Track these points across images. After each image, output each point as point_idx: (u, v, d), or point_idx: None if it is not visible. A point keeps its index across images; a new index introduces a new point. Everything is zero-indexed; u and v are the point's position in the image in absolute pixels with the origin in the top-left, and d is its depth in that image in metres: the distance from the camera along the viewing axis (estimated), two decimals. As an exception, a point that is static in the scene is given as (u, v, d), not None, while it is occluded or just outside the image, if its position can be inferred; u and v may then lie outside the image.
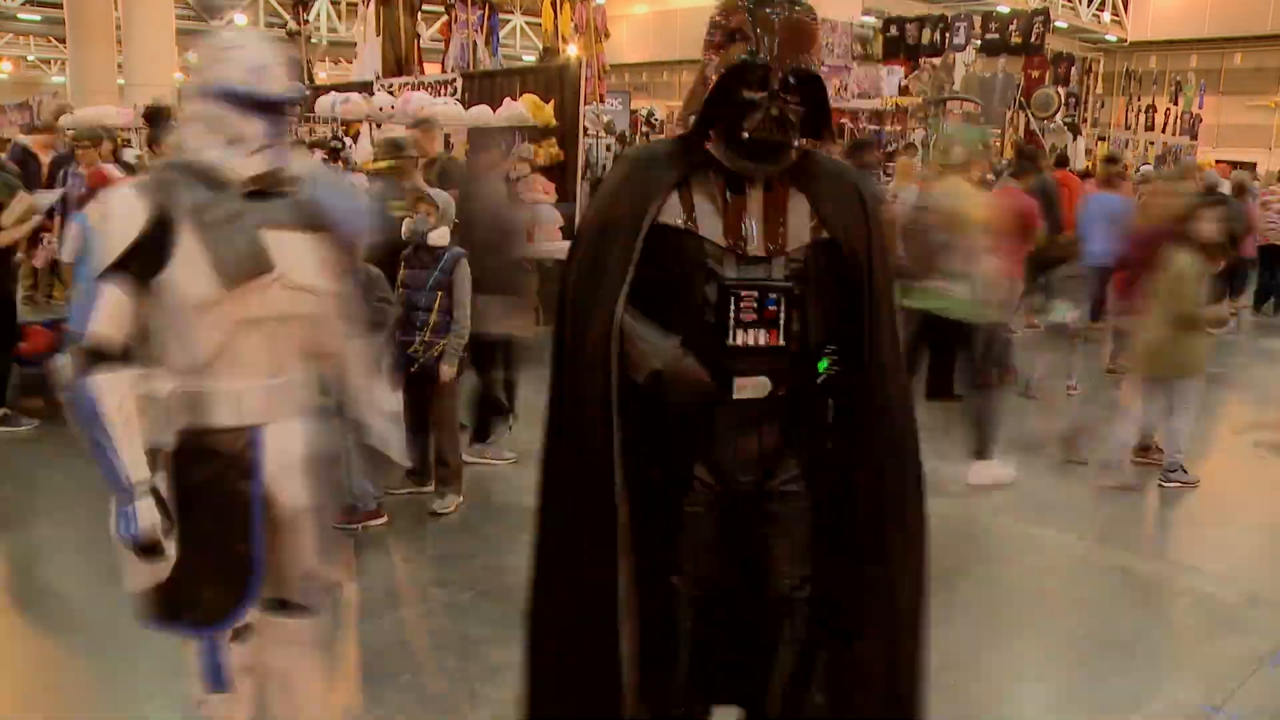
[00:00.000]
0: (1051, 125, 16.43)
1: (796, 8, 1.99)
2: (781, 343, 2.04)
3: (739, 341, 2.03)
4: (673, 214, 2.04)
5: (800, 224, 2.07)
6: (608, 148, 10.90)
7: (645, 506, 2.13)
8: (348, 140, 8.79)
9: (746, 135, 1.98)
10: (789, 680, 2.20)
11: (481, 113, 9.62)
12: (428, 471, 4.82)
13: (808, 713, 2.20)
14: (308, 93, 10.08)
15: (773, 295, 2.02)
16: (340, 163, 8.03)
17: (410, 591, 3.89)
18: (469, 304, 4.52)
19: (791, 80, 1.97)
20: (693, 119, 2.06)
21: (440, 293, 4.45)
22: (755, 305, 2.02)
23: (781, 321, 2.03)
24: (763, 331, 2.03)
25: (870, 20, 20.63)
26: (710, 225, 2.04)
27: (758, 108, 1.97)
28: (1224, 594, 4.04)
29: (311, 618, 2.41)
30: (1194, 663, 3.49)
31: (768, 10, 1.97)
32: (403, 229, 4.53)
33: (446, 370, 4.53)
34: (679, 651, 2.19)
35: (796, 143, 2.04)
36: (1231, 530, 4.89)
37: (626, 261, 2.03)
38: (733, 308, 2.01)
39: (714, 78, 2.00)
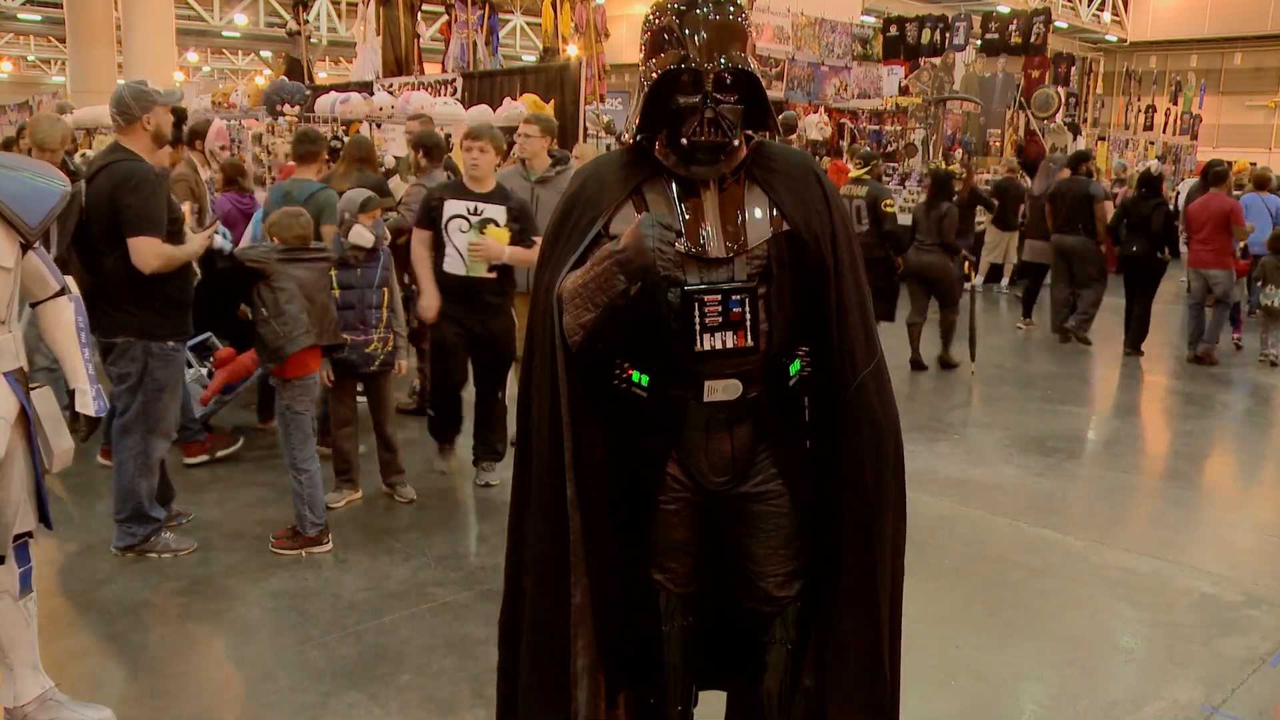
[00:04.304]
0: (1051, 125, 16.43)
1: (726, 6, 1.98)
2: (750, 343, 2.03)
3: (706, 346, 2.01)
4: (626, 223, 2.00)
5: (760, 219, 2.05)
6: (608, 148, 10.90)
7: (625, 502, 2.14)
8: (347, 140, 8.78)
9: (685, 141, 1.98)
10: (780, 675, 2.20)
11: (481, 113, 9.63)
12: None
13: (799, 698, 2.20)
14: (308, 93, 10.08)
15: (736, 297, 2.01)
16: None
17: (410, 591, 3.89)
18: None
19: (726, 79, 1.96)
20: (633, 129, 2.06)
21: (385, 289, 4.53)
22: (719, 309, 2.00)
23: (748, 322, 2.02)
24: (729, 334, 2.01)
25: (870, 20, 20.63)
26: None
27: (693, 112, 1.95)
28: (1224, 594, 4.04)
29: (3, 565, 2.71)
30: (1194, 663, 3.49)
31: (696, 12, 1.95)
32: (350, 236, 4.46)
33: (406, 365, 4.76)
34: (669, 647, 2.19)
35: (736, 141, 2.02)
36: (1231, 530, 4.89)
37: (567, 262, 2.03)
38: (696, 313, 2.00)
39: (648, 85, 1.98)
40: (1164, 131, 23.31)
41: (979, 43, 16.63)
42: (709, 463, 2.12)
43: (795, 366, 2.10)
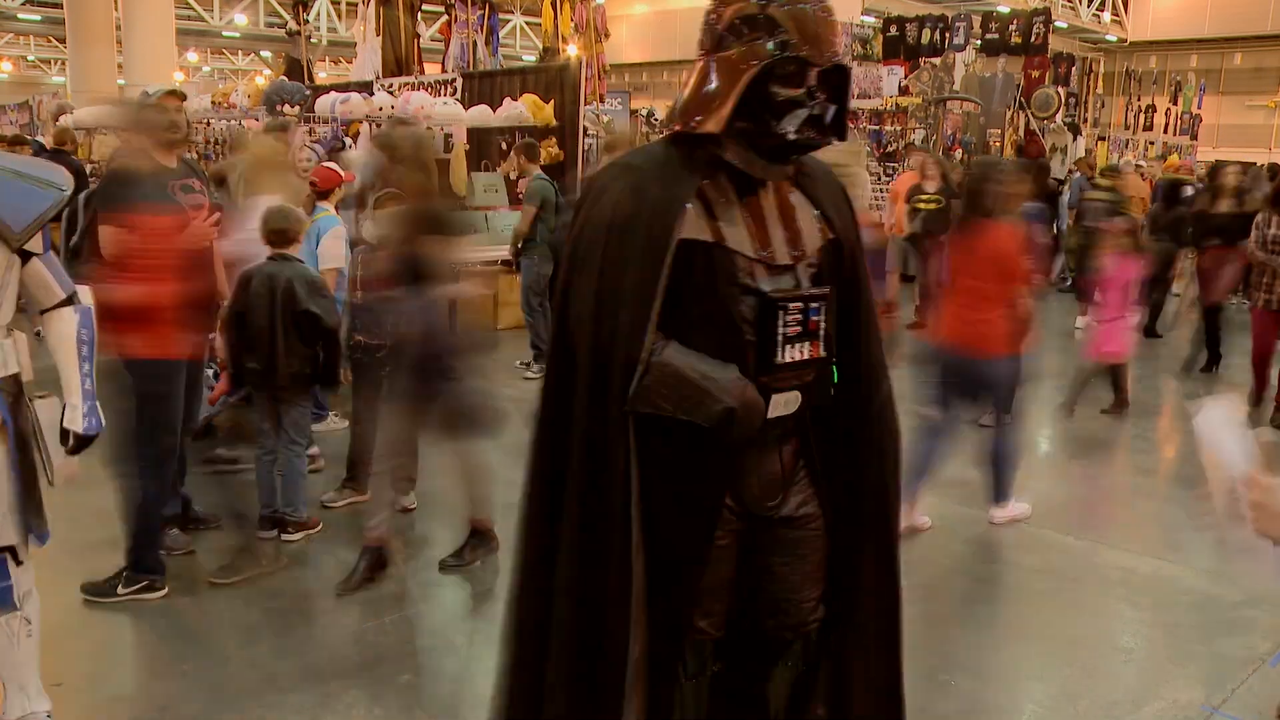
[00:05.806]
0: (1051, 125, 16.43)
1: (827, 1, 1.86)
2: (823, 353, 1.94)
3: (786, 358, 1.89)
4: (695, 228, 1.85)
5: (810, 227, 1.98)
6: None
7: (669, 543, 1.93)
8: (348, 140, 8.79)
9: (792, 137, 1.83)
10: (793, 699, 2.14)
11: (481, 113, 9.63)
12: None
13: None
14: (308, 93, 10.08)
15: (815, 305, 1.91)
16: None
17: (410, 591, 3.89)
18: None
19: (828, 78, 1.86)
20: (723, 117, 1.82)
21: None
22: (800, 318, 1.88)
23: (822, 332, 1.93)
24: (806, 344, 1.90)
25: (870, 20, 20.63)
26: (735, 236, 1.88)
27: (799, 107, 1.83)
28: (1224, 594, 4.04)
29: None
30: (1194, 663, 3.49)
31: (803, 6, 1.83)
32: (363, 234, 4.43)
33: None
34: (699, 696, 2.08)
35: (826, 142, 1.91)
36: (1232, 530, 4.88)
37: (652, 286, 1.82)
38: (780, 323, 1.87)
39: (746, 74, 1.80)
40: (1164, 131, 23.31)
41: (979, 43, 16.63)
42: (760, 486, 1.99)
43: (834, 376, 2.02)
